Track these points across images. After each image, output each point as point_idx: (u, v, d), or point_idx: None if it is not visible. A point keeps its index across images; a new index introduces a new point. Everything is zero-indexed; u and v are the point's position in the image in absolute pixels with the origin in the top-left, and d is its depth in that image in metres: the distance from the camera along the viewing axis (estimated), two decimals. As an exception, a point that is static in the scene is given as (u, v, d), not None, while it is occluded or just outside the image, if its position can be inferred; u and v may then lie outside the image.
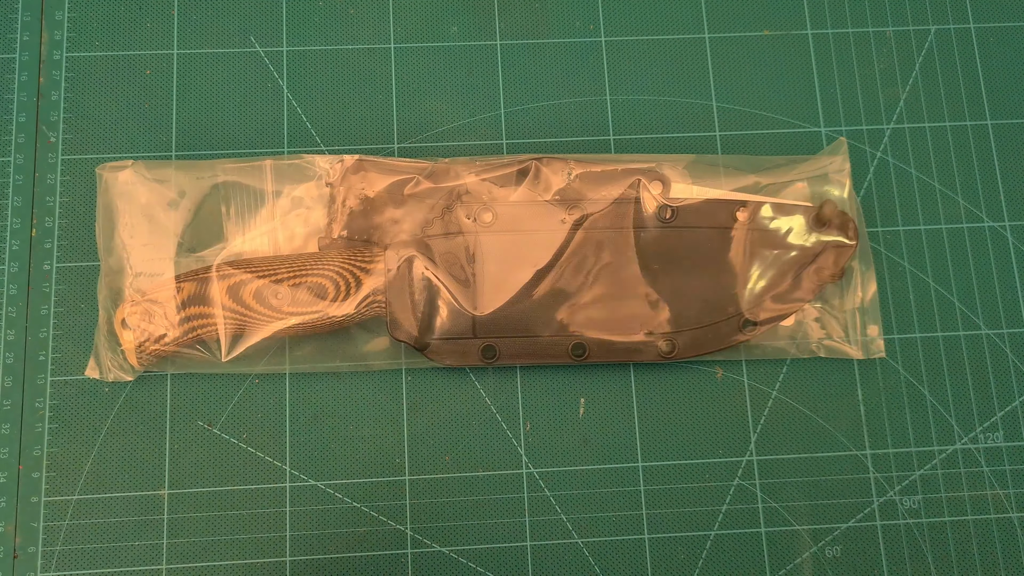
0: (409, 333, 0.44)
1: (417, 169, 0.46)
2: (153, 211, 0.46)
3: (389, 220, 0.45)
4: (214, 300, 0.43)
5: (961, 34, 0.52)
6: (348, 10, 0.51)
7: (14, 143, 0.48)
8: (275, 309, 0.44)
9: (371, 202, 0.45)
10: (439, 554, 0.44)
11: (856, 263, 0.47)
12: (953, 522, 0.46)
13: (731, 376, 0.47)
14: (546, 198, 0.46)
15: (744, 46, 0.51)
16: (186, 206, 0.46)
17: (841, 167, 0.47)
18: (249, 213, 0.46)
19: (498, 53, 0.50)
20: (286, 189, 0.46)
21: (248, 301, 0.44)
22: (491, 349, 0.45)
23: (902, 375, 0.47)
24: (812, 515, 0.45)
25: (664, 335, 0.45)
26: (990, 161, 0.50)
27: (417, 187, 0.46)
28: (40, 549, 0.44)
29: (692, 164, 0.47)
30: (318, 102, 0.49)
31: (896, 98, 0.51)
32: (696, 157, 0.47)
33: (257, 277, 0.44)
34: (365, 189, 0.45)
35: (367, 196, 0.45)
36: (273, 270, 0.44)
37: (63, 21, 0.50)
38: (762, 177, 0.47)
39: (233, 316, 0.43)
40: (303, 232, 0.46)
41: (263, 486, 0.45)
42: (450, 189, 0.46)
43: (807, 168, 0.48)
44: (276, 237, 0.46)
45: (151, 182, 0.46)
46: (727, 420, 0.46)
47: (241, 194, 0.46)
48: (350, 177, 0.46)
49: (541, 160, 0.46)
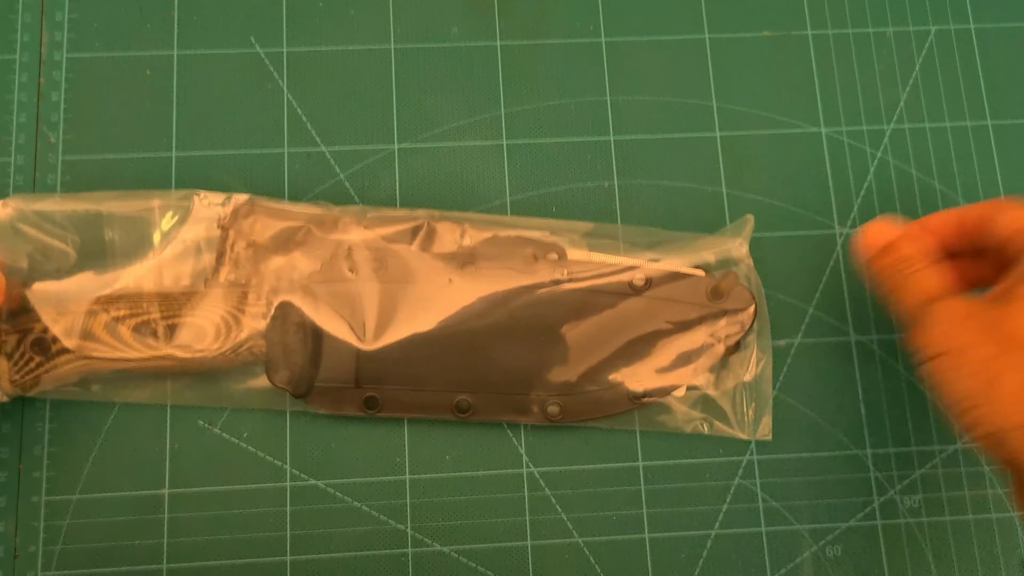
0: (289, 379, 0.44)
1: (308, 216, 0.45)
2: (36, 246, 0.45)
3: (276, 266, 0.45)
4: (92, 334, 0.43)
5: (961, 35, 0.52)
6: (348, 11, 0.51)
7: (14, 144, 0.48)
8: (153, 348, 0.43)
9: (260, 247, 0.45)
10: (440, 553, 0.44)
11: (753, 338, 0.46)
12: (954, 521, 0.46)
13: (731, 376, 0.47)
14: (438, 253, 0.45)
15: (744, 47, 0.51)
16: (72, 240, 0.45)
17: (742, 247, 0.46)
18: (135, 248, 0.45)
19: (498, 53, 0.50)
20: (175, 227, 0.45)
21: (126, 337, 0.43)
22: (373, 400, 0.44)
23: (902, 374, 0.47)
24: (813, 514, 0.45)
25: (552, 398, 0.45)
26: (991, 162, 0.50)
27: (307, 236, 0.45)
28: (41, 548, 0.44)
29: (590, 234, 0.46)
30: (318, 102, 0.49)
31: (896, 99, 0.51)
32: (595, 227, 0.47)
33: (136, 315, 0.44)
34: (254, 234, 0.45)
35: (256, 241, 0.45)
36: (155, 308, 0.44)
37: (63, 22, 0.50)
38: (660, 254, 0.46)
39: (110, 351, 0.43)
40: (190, 271, 0.45)
41: (264, 485, 0.45)
42: (338, 242, 0.45)
43: (708, 244, 0.47)
44: (161, 275, 0.45)
45: (33, 219, 0.45)
46: (727, 420, 0.46)
47: (127, 228, 0.45)
48: (240, 221, 0.45)
49: (435, 218, 0.46)
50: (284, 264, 0.45)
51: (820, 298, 0.48)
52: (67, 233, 0.45)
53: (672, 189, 0.49)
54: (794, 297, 0.48)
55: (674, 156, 0.49)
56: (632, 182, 0.49)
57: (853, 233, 0.47)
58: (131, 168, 0.48)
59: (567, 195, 0.49)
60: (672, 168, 0.49)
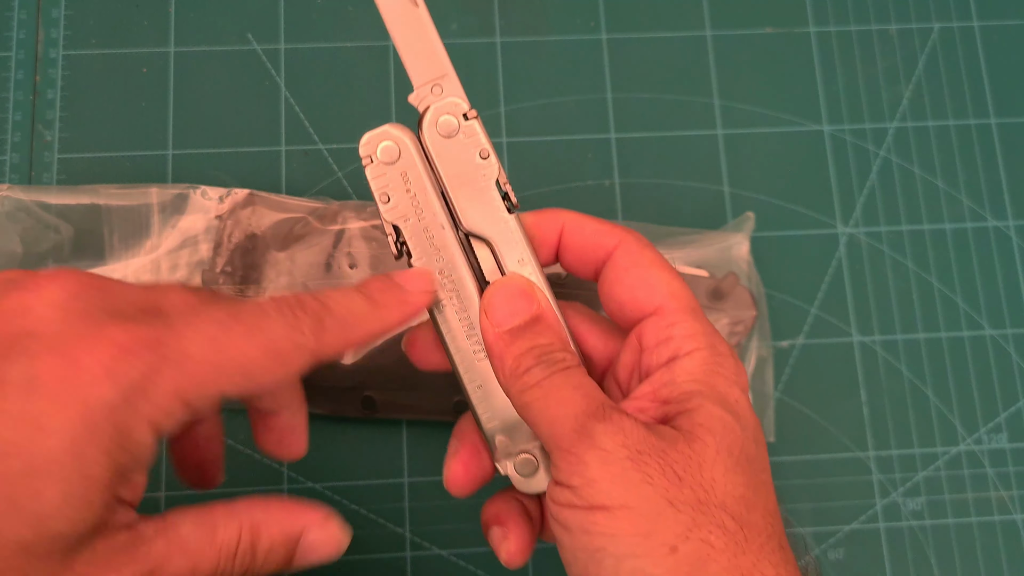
0: None
1: (307, 209, 0.45)
2: (32, 236, 0.44)
3: (273, 260, 0.44)
4: None
5: (965, 32, 0.51)
6: (346, 7, 0.50)
7: (10, 142, 0.48)
8: None
9: (257, 239, 0.44)
10: (438, 557, 0.44)
11: (755, 339, 0.46)
12: (957, 524, 0.45)
13: (733, 377, 0.47)
14: None
15: (746, 44, 0.51)
16: (65, 231, 0.45)
17: (743, 244, 0.46)
18: (133, 241, 0.45)
19: (498, 50, 0.50)
20: (173, 219, 0.45)
21: None
22: (370, 401, 0.44)
23: (905, 376, 0.47)
24: (815, 517, 0.45)
25: None
26: (994, 160, 0.50)
27: (306, 228, 0.44)
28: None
29: None
30: (316, 100, 0.49)
31: (900, 96, 0.50)
32: None
33: None
34: (253, 226, 0.44)
35: (254, 233, 0.44)
36: None
37: (59, 19, 0.49)
38: (661, 250, 0.45)
39: None
40: (186, 263, 0.44)
41: (261, 489, 0.44)
42: (336, 232, 0.44)
43: (709, 241, 0.46)
44: (159, 267, 0.44)
45: (30, 209, 0.45)
46: (729, 421, 0.46)
47: (125, 221, 0.45)
48: (239, 211, 0.44)
49: None
50: (282, 257, 0.44)
51: (822, 298, 0.48)
52: (63, 224, 0.45)
53: (673, 187, 0.49)
54: (796, 297, 0.48)
55: (676, 154, 0.49)
56: (633, 180, 0.49)
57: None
58: (127, 166, 0.47)
59: (567, 193, 0.48)
60: (674, 166, 0.49)
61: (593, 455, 0.28)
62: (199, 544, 0.29)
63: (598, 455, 0.28)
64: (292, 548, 0.31)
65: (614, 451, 0.28)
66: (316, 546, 0.31)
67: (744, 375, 0.31)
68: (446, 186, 0.33)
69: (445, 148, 0.33)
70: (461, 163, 0.33)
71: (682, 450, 0.28)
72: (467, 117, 0.33)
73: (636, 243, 0.33)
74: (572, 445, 0.28)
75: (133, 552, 0.28)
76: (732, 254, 0.46)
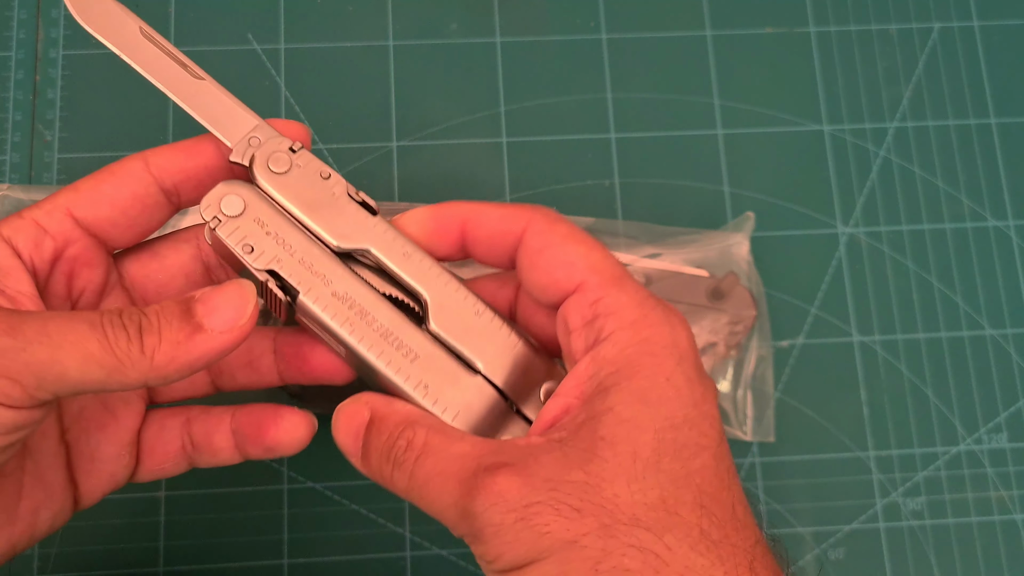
0: None
1: None
2: None
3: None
4: None
5: (965, 32, 0.51)
6: (347, 7, 0.50)
7: (10, 142, 0.48)
8: None
9: None
10: (438, 557, 0.44)
11: (754, 340, 0.46)
12: (957, 524, 0.45)
13: (733, 377, 0.47)
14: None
15: (746, 43, 0.51)
16: None
17: (742, 244, 0.46)
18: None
19: (498, 50, 0.50)
20: (173, 219, 0.44)
21: None
22: None
23: (905, 376, 0.47)
24: (815, 517, 0.45)
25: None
26: (994, 160, 0.50)
27: None
28: (37, 551, 0.43)
29: (590, 230, 0.45)
30: (316, 100, 0.49)
31: (899, 96, 0.50)
32: (595, 222, 0.46)
33: None
34: None
35: None
36: None
37: (59, 19, 0.49)
38: (660, 249, 0.46)
39: None
40: None
41: (260, 488, 0.44)
42: None
43: (709, 241, 0.46)
44: None
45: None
46: (729, 421, 0.46)
47: None
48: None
49: None
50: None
51: (822, 298, 0.47)
52: None
53: (673, 187, 0.49)
54: (796, 297, 0.48)
55: (675, 154, 0.49)
56: (633, 180, 0.49)
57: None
58: (127, 166, 0.47)
59: (567, 193, 0.48)
60: (673, 166, 0.49)
61: (487, 532, 0.27)
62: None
63: (490, 531, 0.27)
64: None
65: (500, 520, 0.26)
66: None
67: (686, 335, 0.30)
68: (302, 216, 0.32)
69: (286, 183, 0.32)
70: (307, 189, 0.32)
71: (576, 478, 0.27)
72: (294, 150, 0.33)
73: (545, 220, 0.31)
74: (466, 529, 0.28)
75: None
76: (732, 254, 0.46)
